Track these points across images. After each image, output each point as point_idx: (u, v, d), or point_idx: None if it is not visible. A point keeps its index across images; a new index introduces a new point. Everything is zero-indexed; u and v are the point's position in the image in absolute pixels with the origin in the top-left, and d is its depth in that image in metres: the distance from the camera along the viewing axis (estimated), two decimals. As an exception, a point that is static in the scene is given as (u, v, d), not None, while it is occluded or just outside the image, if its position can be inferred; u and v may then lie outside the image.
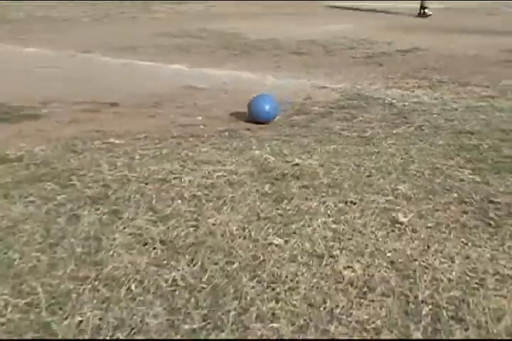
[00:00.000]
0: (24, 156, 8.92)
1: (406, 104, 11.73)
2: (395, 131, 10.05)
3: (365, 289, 5.70)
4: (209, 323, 5.22)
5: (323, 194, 7.60)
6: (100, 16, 24.72)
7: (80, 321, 5.24)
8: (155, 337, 5.04)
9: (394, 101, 11.94)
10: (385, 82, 13.51)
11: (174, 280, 5.81)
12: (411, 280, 5.81)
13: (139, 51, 17.28)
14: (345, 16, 24.27)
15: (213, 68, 15.20)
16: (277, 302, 5.52)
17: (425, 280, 5.80)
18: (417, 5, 23.89)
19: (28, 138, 9.83)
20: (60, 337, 5.03)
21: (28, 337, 5.09)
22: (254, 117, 10.99)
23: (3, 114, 11.28)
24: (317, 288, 5.71)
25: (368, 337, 5.04)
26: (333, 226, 6.80)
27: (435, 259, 6.15)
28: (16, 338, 4.39)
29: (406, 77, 13.89)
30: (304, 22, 22.84)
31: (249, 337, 5.06)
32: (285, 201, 7.40)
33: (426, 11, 21.97)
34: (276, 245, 6.41)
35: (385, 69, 14.93)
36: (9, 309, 5.42)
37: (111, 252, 6.25)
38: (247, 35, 19.66)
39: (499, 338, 4.87)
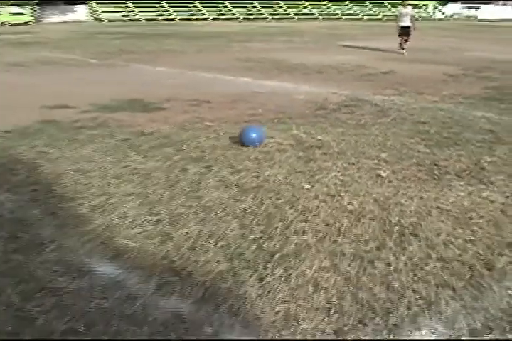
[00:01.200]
0: (154, 132, 8.96)
1: (385, 104, 11.64)
2: (378, 121, 9.99)
3: (360, 216, 5.71)
4: (265, 235, 5.24)
5: (335, 158, 7.59)
6: (200, 49, 24.67)
7: (187, 232, 5.27)
8: (232, 244, 5.06)
9: (378, 102, 11.86)
10: (372, 91, 13.40)
11: (244, 208, 5.82)
12: (387, 211, 5.81)
13: (223, 70, 17.24)
14: (349, 51, 24.05)
15: (267, 80, 15.13)
16: (306, 222, 5.52)
17: (395, 211, 5.80)
18: (395, 45, 23.72)
19: (157, 121, 9.85)
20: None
21: (156, 241, 5.12)
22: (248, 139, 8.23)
23: (142, 107, 11.34)
24: (331, 215, 5.71)
25: (363, 248, 5.04)
26: (341, 177, 6.80)
27: (402, 199, 6.15)
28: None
29: (385, 88, 13.79)
30: (323, 54, 22.67)
31: (289, 245, 5.06)
32: (311, 162, 7.39)
33: (404, 51, 21.84)
34: (306, 188, 6.41)
35: (373, 83, 14.82)
36: (145, 223, 5.45)
37: (206, 191, 6.27)
38: (288, 61, 19.56)
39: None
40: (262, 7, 57.29)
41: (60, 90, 13.48)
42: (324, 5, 59.55)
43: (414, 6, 22.73)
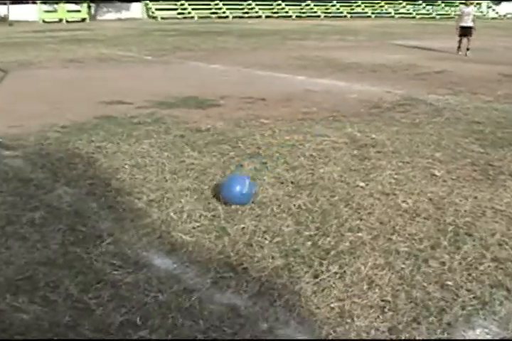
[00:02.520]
0: (210, 128, 9.00)
1: (439, 104, 11.56)
2: (432, 120, 9.92)
3: (414, 215, 5.67)
4: (320, 232, 5.22)
5: (389, 156, 7.54)
6: (254, 47, 24.73)
7: (243, 227, 5.27)
8: (287, 240, 5.05)
9: (432, 102, 11.78)
10: (426, 90, 13.31)
11: (299, 205, 5.81)
12: (441, 210, 5.76)
13: (278, 68, 17.27)
14: (402, 50, 23.92)
15: (322, 79, 15.13)
16: (361, 220, 5.50)
17: (450, 211, 5.75)
18: (448, 45, 23.45)
19: (212, 118, 9.91)
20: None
21: (212, 236, 5.14)
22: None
23: (197, 103, 11.43)
24: (385, 213, 5.67)
25: (417, 247, 4.99)
26: (395, 176, 6.76)
27: (456, 198, 6.09)
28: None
29: (439, 88, 13.69)
30: (376, 52, 22.58)
31: (344, 243, 5.03)
32: (366, 160, 7.36)
33: (466, 52, 21.48)
34: (361, 186, 6.38)
35: (426, 83, 14.72)
36: (201, 218, 5.47)
37: (261, 187, 6.28)
38: (342, 60, 19.52)
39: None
40: (315, 5, 57.22)
41: (116, 86, 13.62)
42: (378, 3, 59.25)
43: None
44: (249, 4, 55.88)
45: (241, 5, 55.60)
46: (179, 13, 53.08)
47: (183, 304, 4.08)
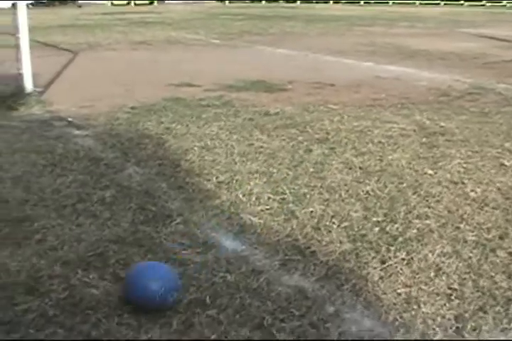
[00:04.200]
0: (279, 112, 9.01)
1: (509, 93, 11.38)
2: (502, 110, 9.77)
3: (482, 204, 5.60)
4: (388, 218, 5.21)
5: (458, 145, 7.46)
6: (322, 32, 24.65)
7: (311, 211, 5.28)
8: (355, 225, 5.04)
9: (502, 91, 11.60)
10: (496, 79, 13.10)
11: (367, 191, 5.79)
12: (510, 200, 5.69)
13: (346, 53, 17.17)
14: (471, 38, 23.56)
15: (390, 65, 15.00)
16: (429, 208, 5.46)
17: (520, 202, 5.68)
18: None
19: (281, 102, 9.92)
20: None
21: (280, 219, 5.16)
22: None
23: (266, 87, 11.45)
24: (453, 201, 5.62)
25: (485, 236, 4.95)
26: (464, 165, 6.68)
27: (528, 189, 6.01)
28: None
29: (509, 77, 13.47)
30: (445, 40, 22.29)
31: (411, 229, 5.00)
32: (435, 148, 7.29)
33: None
34: (429, 174, 6.33)
35: (496, 71, 14.48)
36: (270, 201, 5.50)
37: (330, 172, 6.28)
38: (411, 46, 19.32)
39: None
40: (384, -9, 56.73)
41: (184, 69, 13.71)
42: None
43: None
44: (318, -11, 55.65)
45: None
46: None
47: (251, 285, 4.10)
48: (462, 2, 57.42)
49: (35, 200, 5.57)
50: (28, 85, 10.42)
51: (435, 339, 3.13)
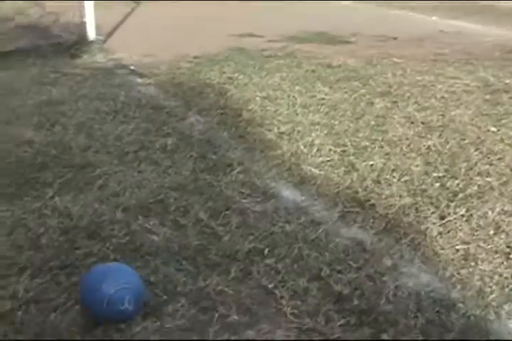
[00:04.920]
0: (341, 65, 8.92)
1: None
2: None
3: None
4: (449, 174, 5.16)
5: (524, 103, 7.31)
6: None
7: (372, 164, 5.24)
8: (415, 179, 5.00)
9: None
10: None
11: (429, 146, 5.72)
12: None
13: (410, 7, 16.69)
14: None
15: (456, 20, 14.64)
16: (490, 165, 5.39)
17: None
18: None
19: (344, 54, 9.80)
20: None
21: (340, 171, 5.13)
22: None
23: (329, 40, 11.37)
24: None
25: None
26: (528, 123, 6.54)
27: None
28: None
29: None
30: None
31: (472, 186, 4.94)
32: (498, 105, 7.15)
33: None
34: (492, 131, 6.22)
35: None
36: (331, 153, 5.48)
37: (391, 126, 6.21)
38: (477, 2, 18.75)
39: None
40: None
41: (246, 19, 13.59)
42: None
43: None
44: None
45: None
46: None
47: (310, 236, 4.11)
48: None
49: (97, 147, 5.62)
50: (91, 34, 10.47)
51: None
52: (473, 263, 3.90)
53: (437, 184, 4.92)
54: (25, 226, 4.38)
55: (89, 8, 10.20)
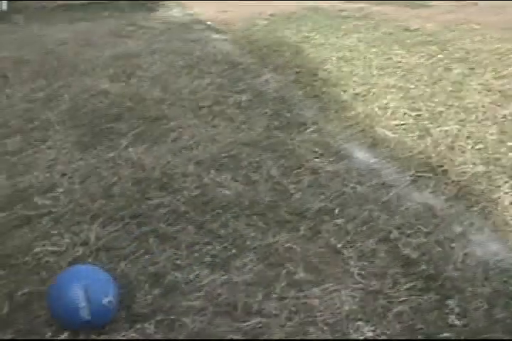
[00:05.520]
0: (419, 29, 8.78)
1: None
2: None
3: None
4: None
5: None
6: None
7: (446, 130, 5.16)
8: (489, 148, 4.89)
9: None
10: None
11: (505, 115, 5.59)
12: None
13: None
14: None
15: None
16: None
17: None
18: None
19: (422, 18, 9.63)
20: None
21: (414, 135, 5.06)
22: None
23: (407, 3, 11.17)
24: None
25: None
26: None
27: None
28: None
29: None
30: None
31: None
32: None
33: None
34: None
35: None
36: (405, 117, 5.42)
37: (468, 92, 6.09)
38: None
39: None
40: None
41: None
42: None
43: None
44: None
45: None
46: None
47: (381, 198, 4.07)
48: None
49: (172, 100, 5.64)
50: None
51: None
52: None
53: (511, 154, 4.81)
54: (99, 175, 4.44)
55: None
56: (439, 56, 7.29)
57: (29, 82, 6.33)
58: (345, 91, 5.89)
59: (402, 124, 5.20)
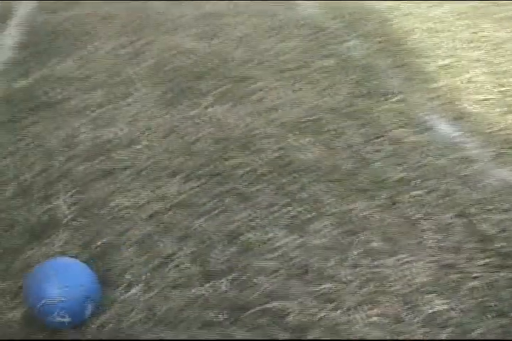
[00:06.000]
0: (509, 3, 8.48)
1: None
2: None
3: None
4: None
5: None
6: None
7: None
8: None
9: None
10: None
11: None
12: None
13: None
14: None
15: None
16: None
17: None
18: None
19: None
20: None
21: (498, 111, 4.94)
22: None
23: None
24: None
25: None
26: None
27: None
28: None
29: None
30: None
31: None
32: None
33: None
34: None
35: None
36: (490, 92, 5.27)
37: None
38: None
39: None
40: None
41: None
42: None
43: None
44: None
45: None
46: None
47: (461, 172, 4.01)
48: None
49: (256, 61, 5.62)
50: None
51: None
52: None
53: None
54: (180, 132, 4.47)
55: None
56: (528, 31, 7.08)
57: (114, 38, 6.37)
58: (430, 62, 5.76)
59: (487, 99, 5.07)
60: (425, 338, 2.78)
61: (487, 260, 3.24)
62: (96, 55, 6.10)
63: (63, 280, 2.83)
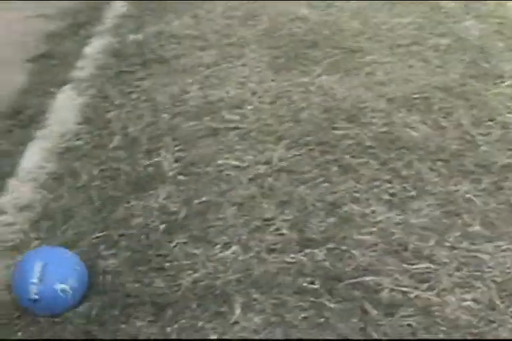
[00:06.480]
0: None
1: None
2: None
3: None
4: None
5: None
6: None
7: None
8: None
9: None
10: None
11: None
12: None
13: None
14: None
15: None
16: None
17: None
18: None
19: None
20: None
21: None
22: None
23: None
24: None
25: None
26: None
27: None
28: None
29: None
30: None
31: None
32: None
33: None
34: None
35: None
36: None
37: None
38: None
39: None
40: None
41: None
42: None
43: None
44: None
45: None
46: None
47: None
48: None
49: (370, 34, 5.55)
50: None
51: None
52: None
53: None
54: (289, 98, 4.47)
55: None
56: None
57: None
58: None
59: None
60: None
61: None
62: (210, 15, 6.11)
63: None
